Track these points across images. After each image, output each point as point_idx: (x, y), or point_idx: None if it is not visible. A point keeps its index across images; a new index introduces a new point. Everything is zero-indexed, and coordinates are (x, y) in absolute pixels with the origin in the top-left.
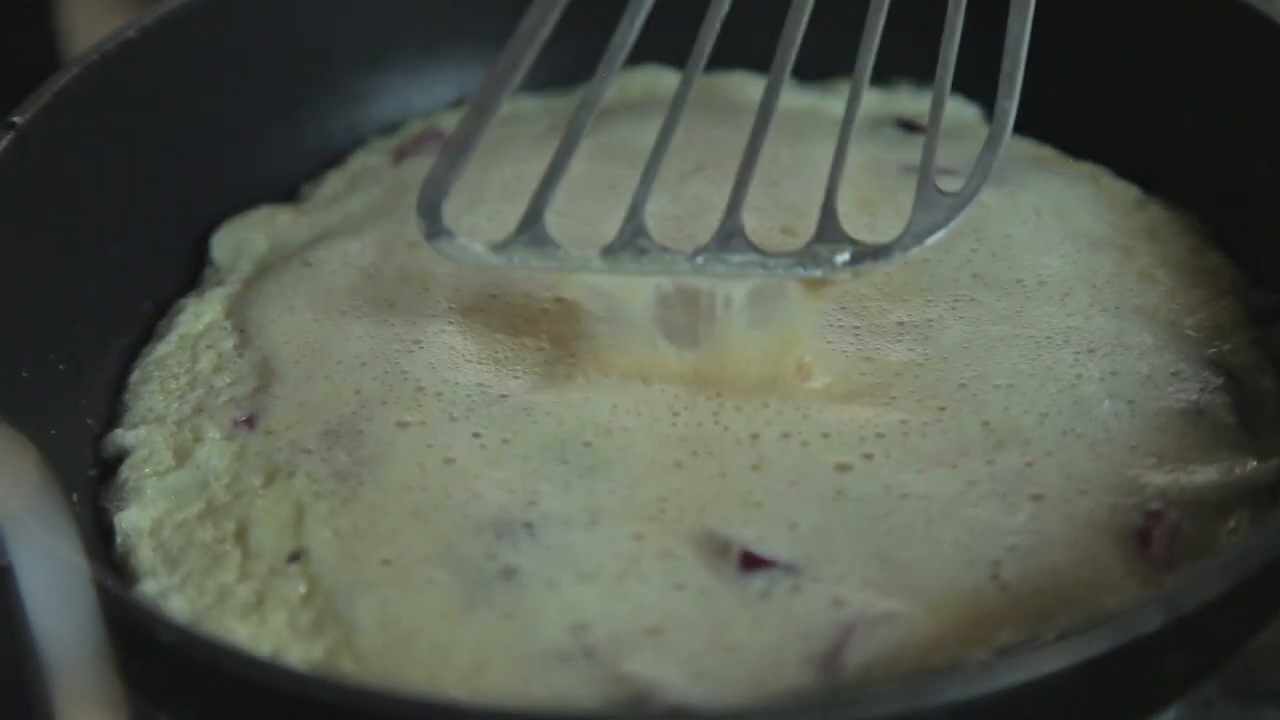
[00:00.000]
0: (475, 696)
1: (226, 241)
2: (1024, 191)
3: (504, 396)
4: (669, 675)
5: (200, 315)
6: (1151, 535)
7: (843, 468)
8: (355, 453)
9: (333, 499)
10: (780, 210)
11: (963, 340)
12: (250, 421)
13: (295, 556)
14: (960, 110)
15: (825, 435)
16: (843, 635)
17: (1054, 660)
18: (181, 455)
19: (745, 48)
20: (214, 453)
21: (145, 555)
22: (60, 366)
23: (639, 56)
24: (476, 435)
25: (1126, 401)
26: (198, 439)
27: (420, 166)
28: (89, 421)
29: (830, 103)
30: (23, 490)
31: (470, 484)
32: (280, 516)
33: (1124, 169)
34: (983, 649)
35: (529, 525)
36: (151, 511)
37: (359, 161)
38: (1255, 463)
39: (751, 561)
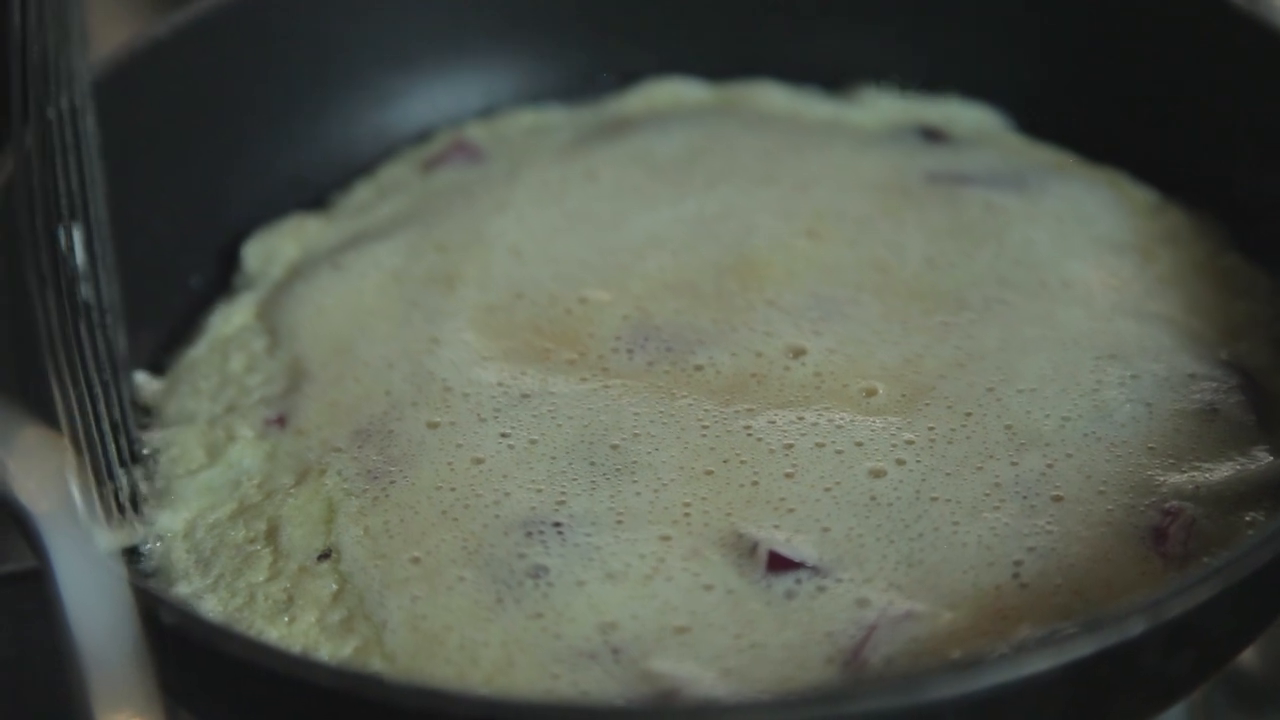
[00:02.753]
0: (504, 694)
1: (257, 249)
2: (1045, 197)
3: (526, 396)
4: (695, 673)
5: (230, 318)
6: (1168, 532)
7: (876, 473)
8: (386, 451)
9: (364, 497)
10: (807, 215)
11: (1000, 342)
12: (281, 421)
13: (326, 555)
14: (982, 117)
15: (859, 444)
16: (865, 634)
17: (1037, 662)
18: (214, 453)
19: (770, 57)
20: (246, 452)
21: (179, 557)
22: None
23: (665, 67)
24: (504, 435)
25: (1145, 404)
26: (230, 438)
27: (448, 177)
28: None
29: (853, 112)
30: (56, 488)
31: (499, 484)
32: (311, 515)
33: (1144, 174)
34: (1002, 644)
35: (558, 525)
36: (185, 513)
37: (388, 172)
38: (1271, 458)
39: (779, 563)
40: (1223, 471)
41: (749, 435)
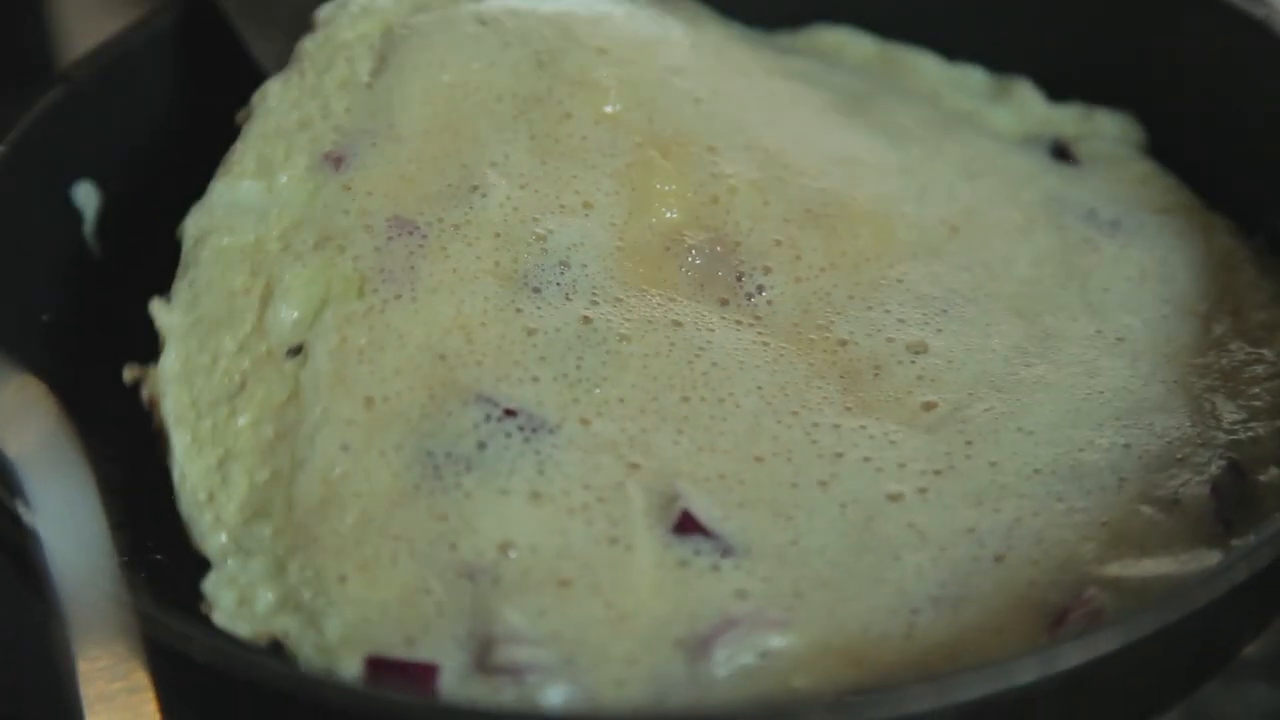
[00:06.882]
0: (364, 587)
1: None
2: (1133, 248)
3: (679, 324)
4: (534, 634)
5: (357, 23)
6: (1068, 617)
7: (894, 498)
8: (410, 258)
9: (364, 300)
10: (959, 203)
11: (1036, 378)
12: (337, 162)
13: (296, 350)
14: (1122, 132)
15: (901, 465)
16: (723, 627)
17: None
18: (263, 168)
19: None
20: (292, 184)
21: (185, 266)
22: None
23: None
24: (587, 318)
25: (1119, 478)
26: (287, 157)
27: None
28: None
29: (994, 111)
30: (40, 436)
31: (528, 368)
32: (307, 297)
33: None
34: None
35: (515, 414)
36: (205, 219)
37: None
38: (1219, 556)
39: (688, 524)
40: (1155, 567)
41: (807, 436)
